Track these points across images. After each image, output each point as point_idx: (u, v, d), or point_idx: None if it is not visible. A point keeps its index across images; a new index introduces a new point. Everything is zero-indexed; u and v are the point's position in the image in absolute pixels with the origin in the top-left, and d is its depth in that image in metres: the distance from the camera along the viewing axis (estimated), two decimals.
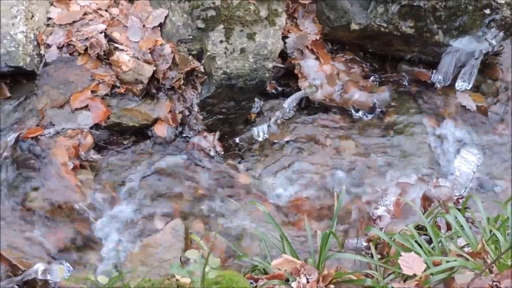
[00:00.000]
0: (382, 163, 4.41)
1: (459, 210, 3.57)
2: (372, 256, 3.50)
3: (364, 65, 4.74)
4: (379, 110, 4.60)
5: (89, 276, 2.83)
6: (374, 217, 4.09)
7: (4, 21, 4.17)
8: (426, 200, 4.08)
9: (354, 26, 4.50)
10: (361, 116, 4.60)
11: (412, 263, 3.01)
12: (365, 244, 3.91)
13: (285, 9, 4.43)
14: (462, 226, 3.40)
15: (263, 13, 4.17)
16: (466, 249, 3.31)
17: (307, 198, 4.23)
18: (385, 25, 4.45)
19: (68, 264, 3.70)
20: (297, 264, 3.16)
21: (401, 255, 3.06)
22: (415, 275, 3.02)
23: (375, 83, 4.68)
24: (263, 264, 3.29)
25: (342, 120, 4.58)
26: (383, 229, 3.94)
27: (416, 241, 3.30)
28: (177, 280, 2.80)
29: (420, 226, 3.62)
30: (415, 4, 4.37)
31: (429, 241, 3.48)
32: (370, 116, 4.60)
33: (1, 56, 4.12)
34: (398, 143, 4.51)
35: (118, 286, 2.93)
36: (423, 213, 3.77)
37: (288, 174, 4.34)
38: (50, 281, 3.64)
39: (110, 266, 3.77)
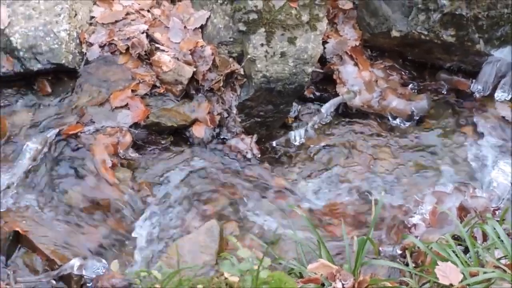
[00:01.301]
0: (418, 171, 4.39)
1: (497, 221, 3.54)
2: (407, 264, 3.48)
3: (403, 73, 4.73)
4: (417, 118, 4.58)
5: (143, 270, 2.84)
6: (409, 225, 4.07)
7: (48, 19, 4.22)
8: (463, 210, 4.05)
9: (394, 33, 4.49)
10: (399, 123, 4.59)
11: (449, 272, 3.01)
12: (399, 252, 3.89)
13: (326, 14, 4.42)
14: (500, 237, 3.37)
15: (305, 17, 4.18)
16: (503, 261, 3.28)
17: (342, 204, 4.23)
18: (426, 33, 4.44)
19: (104, 261, 3.73)
20: (333, 269, 3.16)
21: (437, 264, 3.05)
22: (451, 285, 3.00)
23: (413, 91, 4.67)
24: (299, 267, 3.29)
25: (379, 127, 4.58)
26: (418, 238, 3.92)
27: (453, 251, 3.28)
28: (225, 278, 2.81)
29: (456, 236, 3.60)
30: (457, 13, 4.35)
31: (465, 251, 3.46)
32: (407, 124, 4.58)
33: (44, 53, 4.18)
34: (435, 151, 4.48)
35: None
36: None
37: (323, 179, 4.34)
38: (85, 277, 3.67)
39: (144, 264, 3.79)
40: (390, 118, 4.59)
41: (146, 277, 2.89)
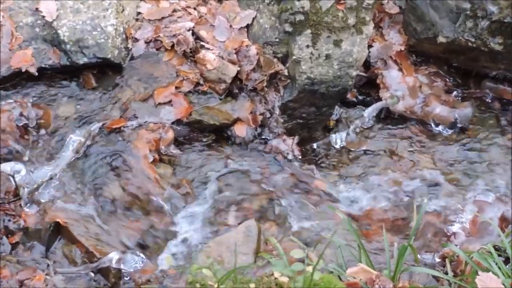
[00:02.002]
0: (459, 179, 4.35)
1: None
2: (446, 273, 3.46)
3: (447, 79, 4.69)
4: (460, 126, 4.55)
5: (200, 267, 2.85)
6: (448, 234, 4.04)
7: (96, 13, 4.26)
8: (504, 221, 4.01)
9: (441, 39, 4.46)
10: (441, 130, 4.55)
11: (489, 283, 2.97)
12: (438, 260, 3.86)
13: (372, 18, 4.41)
14: None
15: (351, 20, 4.17)
16: None
17: (381, 209, 4.20)
18: (473, 40, 4.40)
19: (142, 255, 3.75)
20: (372, 274, 3.15)
21: (478, 274, 3.02)
22: None
23: (457, 98, 4.63)
24: (338, 271, 3.28)
25: (421, 134, 4.55)
26: (458, 247, 3.89)
27: (494, 261, 3.25)
28: (275, 278, 2.81)
29: (496, 247, 3.56)
30: (505, 21, 4.31)
31: (506, 262, 3.42)
32: (450, 131, 4.55)
33: (91, 47, 4.22)
34: (477, 160, 4.45)
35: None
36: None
37: (363, 183, 4.32)
38: (123, 271, 3.69)
39: (182, 260, 3.81)
40: (432, 125, 4.56)
41: (197, 274, 2.89)
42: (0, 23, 4.23)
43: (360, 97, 4.61)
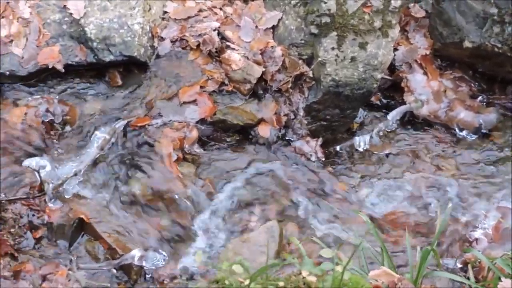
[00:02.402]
0: (482, 185, 4.34)
1: None
2: (468, 278, 3.45)
3: (472, 85, 4.68)
4: (484, 131, 4.53)
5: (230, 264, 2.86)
6: (471, 239, 4.03)
7: (123, 11, 4.28)
8: None
9: (467, 44, 4.45)
10: (465, 135, 4.54)
11: None
12: (460, 265, 3.85)
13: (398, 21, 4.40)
14: None
15: (377, 23, 4.17)
16: None
17: (403, 213, 4.20)
18: (499, 45, 4.39)
19: (164, 253, 3.77)
20: (394, 277, 3.14)
21: (500, 280, 3.01)
22: None
23: (482, 103, 4.62)
24: (360, 273, 3.28)
25: (445, 138, 4.54)
26: (480, 253, 3.87)
27: None
28: (303, 277, 2.82)
29: None
30: None
31: None
32: (474, 137, 4.54)
33: (117, 45, 4.24)
34: (501, 166, 4.42)
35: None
36: None
37: (385, 187, 4.32)
38: (145, 268, 3.71)
39: (204, 259, 3.82)
40: (456, 130, 4.55)
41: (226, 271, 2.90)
42: (28, 20, 4.26)
43: (384, 100, 4.61)
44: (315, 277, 2.80)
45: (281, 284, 2.81)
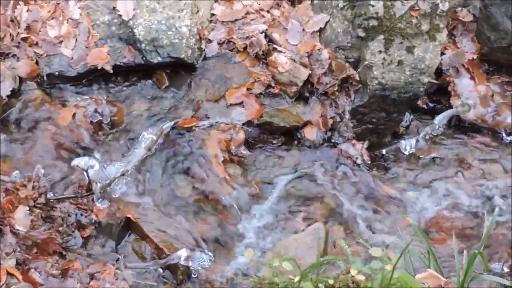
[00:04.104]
0: None
1: None
2: None
3: None
4: None
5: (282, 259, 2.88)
6: None
7: (171, 13, 4.32)
8: None
9: None
10: None
11: None
12: (507, 270, 3.82)
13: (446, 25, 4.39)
14: None
15: (425, 27, 4.15)
16: None
17: (450, 217, 4.18)
18: None
19: (210, 253, 3.79)
20: (441, 281, 3.13)
21: None
22: None
23: None
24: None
25: (492, 143, 4.52)
26: None
27: None
28: (352, 276, 2.82)
29: None
30: None
31: None
32: None
33: (165, 46, 4.28)
34: None
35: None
36: None
37: (432, 190, 4.30)
38: (191, 268, 3.73)
39: (250, 260, 3.82)
40: (503, 134, 4.51)
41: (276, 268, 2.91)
42: (77, 21, 4.32)
43: (431, 104, 4.60)
44: (363, 276, 2.80)
45: (331, 282, 2.81)
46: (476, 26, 4.66)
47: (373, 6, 4.12)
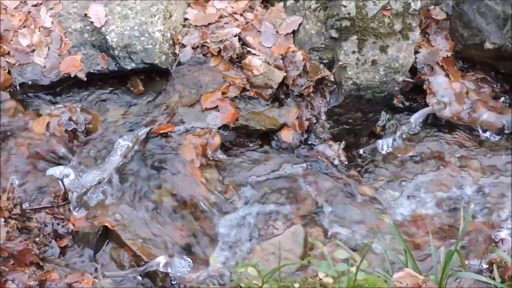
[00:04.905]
0: (507, 185, 4.32)
1: None
2: (493, 279, 3.43)
3: (494, 86, 4.65)
4: (508, 132, 4.51)
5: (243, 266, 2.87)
6: (496, 240, 4.00)
7: (143, 19, 4.30)
8: None
9: (488, 46, 4.43)
10: (488, 136, 4.53)
11: None
12: (485, 266, 3.83)
13: (419, 24, 4.39)
14: None
15: (397, 26, 4.16)
16: None
17: (427, 215, 4.19)
18: None
19: (189, 259, 3.78)
20: (419, 279, 3.14)
21: None
22: None
23: (505, 104, 4.59)
24: (384, 275, 3.27)
25: (468, 140, 4.52)
26: (506, 253, 3.85)
27: None
28: (320, 279, 2.82)
29: None
30: None
31: None
32: (497, 138, 4.52)
33: (138, 52, 4.26)
34: None
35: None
36: None
37: (409, 189, 4.31)
38: (170, 274, 3.72)
39: (228, 264, 3.82)
40: (480, 131, 4.53)
41: (241, 274, 2.91)
42: (49, 29, 4.30)
43: (407, 103, 4.61)
44: (331, 279, 2.81)
45: (297, 285, 2.81)
46: (450, 23, 4.67)
47: (345, 6, 4.12)
